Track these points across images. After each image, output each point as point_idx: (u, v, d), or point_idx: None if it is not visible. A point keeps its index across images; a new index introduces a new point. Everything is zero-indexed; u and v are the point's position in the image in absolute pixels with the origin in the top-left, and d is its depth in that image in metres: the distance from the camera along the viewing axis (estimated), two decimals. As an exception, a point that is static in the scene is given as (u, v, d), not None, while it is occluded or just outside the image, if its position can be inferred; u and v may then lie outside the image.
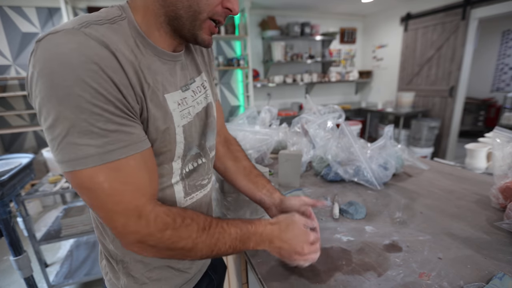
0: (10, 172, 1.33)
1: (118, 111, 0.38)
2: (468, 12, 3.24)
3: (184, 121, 0.50)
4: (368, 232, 0.74)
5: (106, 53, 0.37)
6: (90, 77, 0.35)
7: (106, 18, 0.41)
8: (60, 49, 0.34)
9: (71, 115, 0.35)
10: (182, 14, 0.43)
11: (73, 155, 0.36)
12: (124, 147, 0.39)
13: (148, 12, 0.44)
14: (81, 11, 3.09)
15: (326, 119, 1.22)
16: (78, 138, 0.35)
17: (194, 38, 0.47)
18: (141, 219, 0.41)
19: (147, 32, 0.44)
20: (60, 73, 0.34)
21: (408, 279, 0.56)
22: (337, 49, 4.70)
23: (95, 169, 0.37)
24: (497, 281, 0.52)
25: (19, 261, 1.38)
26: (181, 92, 0.50)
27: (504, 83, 4.84)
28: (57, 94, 0.34)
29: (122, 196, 0.39)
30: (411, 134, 3.85)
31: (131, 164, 0.40)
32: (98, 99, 0.35)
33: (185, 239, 0.44)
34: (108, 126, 0.37)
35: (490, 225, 0.73)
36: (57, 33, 0.35)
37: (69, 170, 0.37)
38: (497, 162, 0.81)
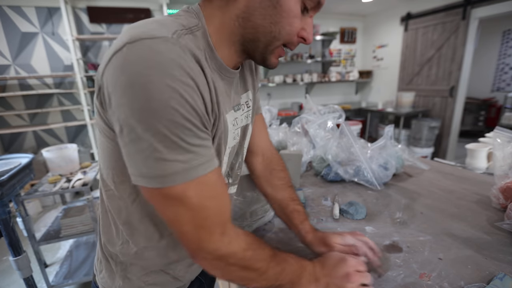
0: (9, 172, 1.33)
1: (203, 126, 0.38)
2: (468, 12, 3.24)
3: (234, 142, 0.50)
4: (368, 232, 0.74)
5: (198, 68, 0.36)
6: (187, 91, 0.34)
7: (187, 26, 0.39)
8: (161, 57, 0.32)
9: (163, 129, 0.33)
10: (261, 38, 0.43)
11: (161, 171, 0.35)
12: (207, 162, 0.38)
13: (224, 27, 0.43)
14: (81, 11, 3.09)
15: (326, 119, 1.22)
16: (168, 153, 0.34)
17: (263, 60, 0.47)
18: (224, 236, 0.40)
19: (216, 46, 0.43)
20: (159, 84, 0.32)
21: (409, 280, 0.55)
22: (337, 49, 4.70)
23: (185, 185, 0.36)
24: (498, 281, 0.52)
25: (19, 261, 1.37)
26: (233, 112, 0.50)
27: (505, 83, 4.84)
28: (151, 105, 0.32)
29: (208, 211, 0.39)
30: (411, 134, 3.85)
31: (214, 179, 0.39)
32: (190, 113, 0.35)
33: (261, 261, 0.44)
34: (195, 141, 0.36)
35: (490, 226, 0.73)
36: (156, 39, 0.33)
37: (156, 187, 0.36)
38: (498, 162, 0.81)
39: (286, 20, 0.42)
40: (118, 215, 0.50)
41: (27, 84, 3.05)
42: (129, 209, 0.48)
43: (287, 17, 0.41)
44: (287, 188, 0.69)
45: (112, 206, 0.50)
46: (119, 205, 0.48)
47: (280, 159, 0.74)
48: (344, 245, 0.59)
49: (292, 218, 0.65)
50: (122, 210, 0.49)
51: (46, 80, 3.12)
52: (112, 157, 0.44)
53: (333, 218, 0.82)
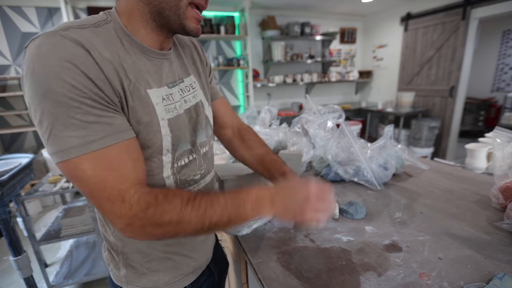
0: (9, 172, 1.33)
1: (96, 103, 0.40)
2: (468, 12, 3.24)
3: (170, 115, 0.52)
4: (368, 232, 0.74)
5: (81, 50, 0.40)
6: (65, 73, 0.38)
7: (91, 22, 0.45)
8: (39, 50, 0.38)
9: (52, 109, 0.38)
10: (164, 6, 0.46)
11: (59, 146, 0.39)
12: (105, 136, 0.41)
13: (133, 12, 0.47)
14: (81, 11, 3.09)
15: (326, 119, 1.22)
16: (61, 130, 0.38)
17: (182, 28, 0.49)
18: (124, 203, 0.42)
19: (133, 31, 0.48)
20: (40, 72, 0.37)
21: (408, 279, 0.56)
22: (337, 49, 4.70)
23: (80, 158, 0.39)
24: (497, 281, 0.52)
25: (19, 261, 1.38)
26: (167, 88, 0.53)
27: (505, 83, 4.84)
28: (39, 91, 0.38)
29: (105, 182, 0.41)
30: (411, 134, 3.85)
31: (114, 152, 0.42)
32: (74, 93, 0.38)
33: (168, 212, 0.43)
34: (87, 118, 0.39)
35: (490, 225, 0.73)
36: (38, 37, 0.39)
37: (58, 161, 0.40)
38: (497, 162, 0.81)
39: None
40: None
41: (27, 84, 3.05)
42: None
43: None
44: (262, 146, 0.76)
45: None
46: None
47: (250, 128, 0.80)
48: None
49: (272, 166, 0.71)
50: None
51: (46, 80, 3.12)
52: None
53: (333, 218, 0.82)
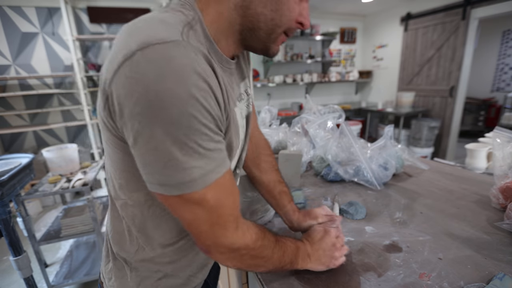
0: (9, 172, 1.33)
1: (217, 129, 0.38)
2: (468, 12, 3.24)
3: (243, 135, 0.51)
4: (368, 232, 0.74)
5: (210, 69, 0.36)
6: (203, 96, 0.33)
7: (186, 22, 0.38)
8: (174, 64, 0.32)
9: (182, 137, 0.33)
10: (262, 26, 0.42)
11: (180, 179, 0.35)
12: (220, 165, 0.38)
13: (221, 18, 0.42)
14: (81, 11, 3.09)
15: (326, 119, 1.22)
16: (186, 161, 0.34)
17: (266, 49, 0.47)
18: (238, 230, 0.42)
19: (215, 38, 0.42)
20: (174, 91, 0.31)
21: (408, 280, 0.56)
22: (337, 49, 4.70)
23: (204, 190, 0.37)
24: (498, 281, 0.52)
25: (19, 261, 1.38)
26: (238, 103, 0.50)
27: (505, 83, 4.84)
28: (169, 113, 0.32)
29: (223, 209, 0.40)
30: (411, 134, 3.85)
31: (227, 178, 0.40)
32: (207, 118, 0.34)
33: (267, 248, 0.48)
34: (210, 146, 0.36)
35: (490, 225, 0.73)
36: (167, 44, 0.32)
37: (176, 194, 0.36)
38: (497, 162, 0.81)
39: (286, 6, 0.41)
40: (132, 222, 0.50)
41: (27, 84, 3.06)
42: (145, 216, 0.48)
43: (287, 2, 0.41)
44: (274, 171, 0.73)
45: (126, 214, 0.49)
46: (133, 212, 0.48)
47: (267, 144, 0.76)
48: (325, 214, 0.68)
49: (280, 198, 0.70)
50: (136, 217, 0.49)
51: (46, 80, 3.12)
52: (123, 167, 0.43)
53: (333, 218, 0.82)
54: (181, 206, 0.38)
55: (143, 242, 0.51)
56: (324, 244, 0.58)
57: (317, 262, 0.57)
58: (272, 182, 0.71)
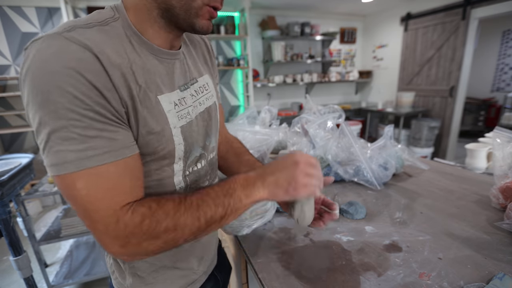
0: (10, 172, 1.33)
1: (99, 116, 0.37)
2: (468, 12, 3.24)
3: (183, 122, 0.48)
4: (368, 232, 0.74)
5: (88, 55, 0.36)
6: (67, 82, 0.34)
7: (98, 20, 0.40)
8: (41, 54, 0.35)
9: (50, 121, 0.35)
10: (174, 3, 0.42)
11: (54, 159, 0.36)
12: (105, 153, 0.37)
13: (139, 8, 0.43)
14: (81, 11, 3.09)
15: (326, 119, 1.22)
16: (58, 143, 0.35)
17: (191, 26, 0.45)
18: (119, 223, 0.38)
19: (141, 30, 0.44)
20: (40, 79, 0.34)
21: (408, 279, 0.56)
22: (337, 49, 4.70)
23: (75, 175, 0.36)
24: (497, 281, 0.52)
25: (19, 261, 1.38)
26: (179, 92, 0.49)
27: (504, 83, 4.84)
28: (37, 100, 0.34)
29: (101, 203, 0.38)
30: (411, 134, 3.85)
31: (111, 171, 0.38)
32: (75, 104, 0.35)
33: (164, 219, 0.40)
34: (88, 132, 0.36)
35: (490, 225, 0.73)
36: (40, 39, 0.36)
37: (53, 174, 0.37)
38: (497, 162, 0.81)
39: None
40: None
41: (27, 84, 3.06)
42: None
43: None
44: (250, 154, 0.72)
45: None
46: None
47: (236, 138, 0.76)
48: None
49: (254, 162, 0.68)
50: None
51: (46, 80, 3.12)
52: None
53: (333, 218, 0.82)
54: (61, 190, 0.38)
55: None
56: (281, 163, 0.48)
57: (272, 186, 0.46)
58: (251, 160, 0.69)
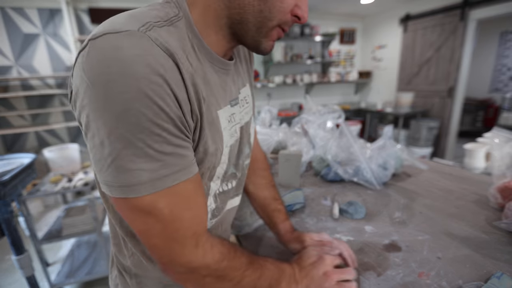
0: (11, 172, 1.34)
1: (177, 130, 0.33)
2: (466, 13, 3.25)
3: (232, 140, 0.46)
4: (368, 232, 0.75)
5: (171, 63, 0.32)
6: (154, 91, 0.30)
7: (164, 18, 0.35)
8: (122, 54, 0.29)
9: (127, 134, 0.30)
10: (250, 18, 0.38)
11: (124, 180, 0.32)
12: (179, 171, 0.34)
13: (208, 11, 0.38)
14: (82, 12, 3.10)
15: (325, 119, 1.23)
16: (132, 161, 0.31)
17: (256, 45, 0.42)
18: (197, 249, 0.37)
19: (203, 33, 0.39)
20: (120, 84, 0.29)
21: (408, 279, 0.56)
22: (337, 49, 4.71)
23: (155, 196, 0.33)
24: (496, 280, 0.52)
25: (21, 260, 1.38)
26: (230, 107, 0.45)
27: (502, 84, 4.85)
28: (113, 107, 0.29)
29: (181, 222, 0.36)
30: (410, 134, 3.86)
31: (188, 189, 0.36)
32: (160, 117, 0.31)
33: (237, 270, 0.41)
34: (165, 148, 0.32)
35: (488, 225, 0.74)
36: (119, 34, 0.30)
37: (120, 196, 0.33)
38: (496, 162, 0.82)
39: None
40: (120, 226, 0.47)
41: (29, 84, 3.06)
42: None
43: None
44: (270, 187, 0.68)
45: (113, 217, 0.47)
46: (119, 215, 0.45)
47: (265, 159, 0.72)
48: (317, 240, 0.58)
49: (273, 217, 0.64)
50: (122, 220, 0.46)
51: (48, 80, 3.13)
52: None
53: (333, 218, 0.83)
54: (129, 213, 0.35)
55: (133, 247, 0.48)
56: (315, 271, 0.50)
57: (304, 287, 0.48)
58: (268, 199, 0.66)
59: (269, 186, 0.68)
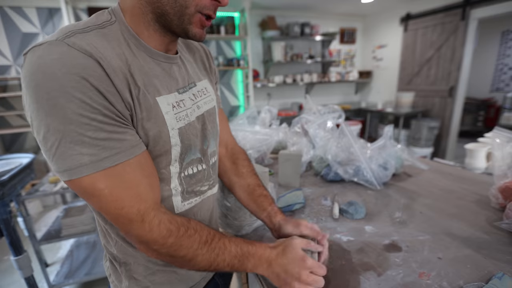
0: (10, 172, 1.33)
1: (107, 118, 0.38)
2: (467, 13, 3.24)
3: (181, 124, 0.49)
4: (368, 232, 0.75)
5: (90, 61, 0.36)
6: (74, 87, 0.35)
7: (95, 23, 0.41)
8: (43, 61, 0.35)
9: (59, 126, 0.35)
10: (168, 10, 0.42)
11: (68, 164, 0.37)
12: (117, 153, 0.39)
13: (135, 11, 0.43)
14: (82, 12, 3.09)
15: (326, 119, 1.22)
16: (70, 148, 0.36)
17: (184, 33, 0.46)
18: (144, 224, 0.42)
19: (137, 32, 0.44)
20: (44, 85, 0.34)
21: (408, 279, 0.56)
22: (337, 49, 4.70)
23: (94, 176, 0.38)
24: (497, 281, 0.52)
25: (20, 261, 1.38)
26: (178, 94, 0.49)
27: (504, 83, 4.85)
28: (43, 106, 0.35)
29: (123, 201, 0.40)
30: (410, 134, 3.86)
31: (127, 170, 0.40)
32: (84, 108, 0.36)
33: (186, 248, 0.45)
34: (98, 135, 0.37)
35: (489, 225, 0.74)
36: (41, 46, 0.36)
37: (67, 179, 0.38)
38: (497, 162, 0.82)
39: None
40: (99, 215, 0.51)
41: (27, 84, 3.06)
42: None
43: None
44: (253, 175, 0.71)
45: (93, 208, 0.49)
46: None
47: (242, 150, 0.76)
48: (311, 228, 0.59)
49: (261, 201, 0.66)
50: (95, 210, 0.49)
51: (46, 80, 3.12)
52: None
53: (333, 218, 0.82)
54: (80, 194, 0.40)
55: (114, 235, 0.52)
56: (291, 255, 0.49)
57: (273, 275, 0.50)
58: (252, 186, 0.68)
59: (252, 174, 0.71)
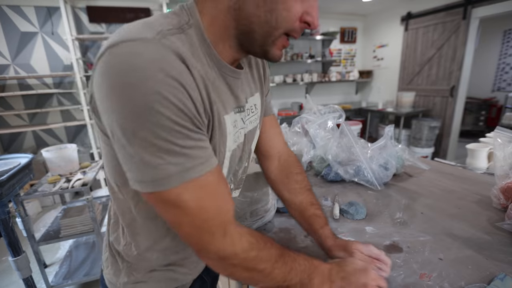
0: (9, 172, 1.32)
1: (195, 126, 0.36)
2: (469, 12, 3.23)
3: (234, 146, 0.48)
4: (369, 232, 0.74)
5: (184, 67, 0.35)
6: (171, 92, 0.32)
7: (175, 26, 0.38)
8: (140, 60, 0.31)
9: (149, 134, 0.33)
10: (256, 29, 0.40)
11: (154, 175, 0.34)
12: (202, 163, 0.37)
13: (216, 21, 0.40)
14: (80, 11, 3.09)
15: (326, 119, 1.21)
16: (159, 157, 0.34)
17: (264, 53, 0.43)
18: (226, 237, 0.40)
19: (212, 42, 0.41)
20: (139, 87, 0.31)
21: (409, 280, 0.55)
22: (338, 48, 4.70)
23: (179, 188, 0.36)
24: (499, 282, 0.52)
25: (18, 262, 1.38)
26: (233, 114, 0.47)
27: (506, 83, 4.84)
28: (134, 110, 0.32)
29: (207, 213, 0.38)
30: (411, 134, 3.85)
31: (211, 180, 0.38)
32: (178, 115, 0.33)
33: (266, 262, 0.43)
34: (187, 143, 0.35)
35: (491, 226, 0.73)
36: (136, 41, 0.32)
37: (151, 191, 0.36)
38: (498, 162, 0.81)
39: (282, 5, 0.38)
40: (122, 217, 0.51)
41: (26, 84, 3.05)
42: (133, 212, 0.49)
43: (284, 2, 0.38)
44: (305, 192, 0.66)
45: (118, 207, 0.50)
46: (123, 207, 0.49)
47: (297, 161, 0.71)
48: (366, 254, 0.56)
49: (312, 222, 0.62)
50: (126, 212, 0.49)
51: (45, 80, 3.12)
52: (112, 161, 0.43)
53: (333, 218, 0.82)
54: (161, 205, 0.38)
55: (130, 237, 0.51)
56: (354, 277, 0.47)
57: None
58: (304, 204, 0.65)
59: (304, 191, 0.66)
